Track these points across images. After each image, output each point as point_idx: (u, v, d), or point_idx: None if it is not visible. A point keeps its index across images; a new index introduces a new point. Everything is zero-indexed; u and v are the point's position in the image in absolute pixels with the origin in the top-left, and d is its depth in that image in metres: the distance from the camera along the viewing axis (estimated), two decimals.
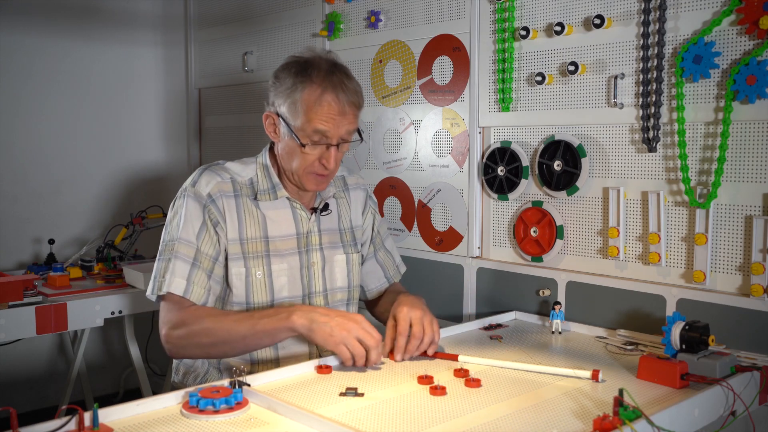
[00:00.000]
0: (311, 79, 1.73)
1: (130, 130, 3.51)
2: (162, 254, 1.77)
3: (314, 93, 1.73)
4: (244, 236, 1.80)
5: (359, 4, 2.58)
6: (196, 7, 3.42)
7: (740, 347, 1.69)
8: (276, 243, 1.83)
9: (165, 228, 1.81)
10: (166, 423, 1.27)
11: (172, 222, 1.79)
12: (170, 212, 1.82)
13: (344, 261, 1.93)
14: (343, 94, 1.74)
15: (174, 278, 1.72)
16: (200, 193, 1.78)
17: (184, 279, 1.73)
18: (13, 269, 3.09)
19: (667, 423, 1.24)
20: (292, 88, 1.75)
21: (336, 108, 1.73)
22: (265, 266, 1.80)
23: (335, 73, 1.76)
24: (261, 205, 1.83)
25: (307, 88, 1.73)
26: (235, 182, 1.83)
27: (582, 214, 2.02)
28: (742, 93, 1.66)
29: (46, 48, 3.22)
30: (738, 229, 1.73)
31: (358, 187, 2.04)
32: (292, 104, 1.75)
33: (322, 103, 1.72)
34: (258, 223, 1.82)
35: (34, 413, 3.15)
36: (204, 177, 1.81)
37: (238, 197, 1.81)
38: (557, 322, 1.92)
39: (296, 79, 1.75)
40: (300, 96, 1.73)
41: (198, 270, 1.74)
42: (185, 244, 1.75)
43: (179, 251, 1.74)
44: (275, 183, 1.85)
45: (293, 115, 1.75)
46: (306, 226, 1.87)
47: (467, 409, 1.34)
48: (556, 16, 2.03)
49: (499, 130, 2.21)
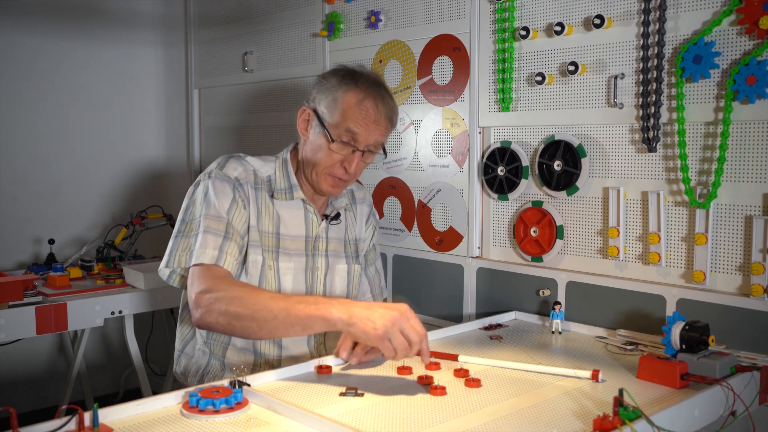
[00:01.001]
0: (356, 84, 1.79)
1: (130, 130, 3.51)
2: (182, 232, 1.74)
3: (356, 96, 1.78)
4: (261, 228, 1.82)
5: (359, 4, 2.58)
6: (196, 7, 3.42)
7: (740, 347, 1.68)
8: (285, 241, 1.84)
9: (186, 208, 1.79)
10: (166, 423, 1.27)
11: (195, 202, 1.77)
12: (191, 194, 1.80)
13: (345, 271, 1.94)
14: (382, 105, 1.80)
15: (206, 250, 1.68)
16: (228, 176, 1.80)
17: (216, 250, 1.70)
18: (13, 269, 3.09)
19: (667, 423, 1.24)
20: (336, 87, 1.79)
21: (372, 115, 1.78)
22: (275, 261, 1.82)
23: (380, 87, 1.83)
24: (276, 203, 1.85)
25: (350, 90, 1.78)
26: (256, 175, 1.85)
27: (582, 214, 2.02)
28: (742, 93, 1.66)
29: (46, 48, 3.22)
30: (738, 229, 1.73)
31: (364, 201, 2.07)
32: (332, 101, 1.79)
33: (361, 106, 1.77)
34: (272, 219, 1.84)
35: (34, 413, 3.15)
36: (231, 163, 1.83)
37: (258, 190, 1.83)
38: (557, 322, 1.92)
39: (342, 81, 1.80)
40: (342, 95, 1.78)
41: (230, 242, 1.73)
42: (215, 219, 1.73)
43: (209, 226, 1.72)
44: (293, 183, 1.87)
45: (330, 111, 1.78)
46: (315, 231, 1.89)
47: (467, 409, 1.34)
48: (556, 16, 2.03)
49: (499, 130, 2.21)
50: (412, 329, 1.43)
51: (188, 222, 1.76)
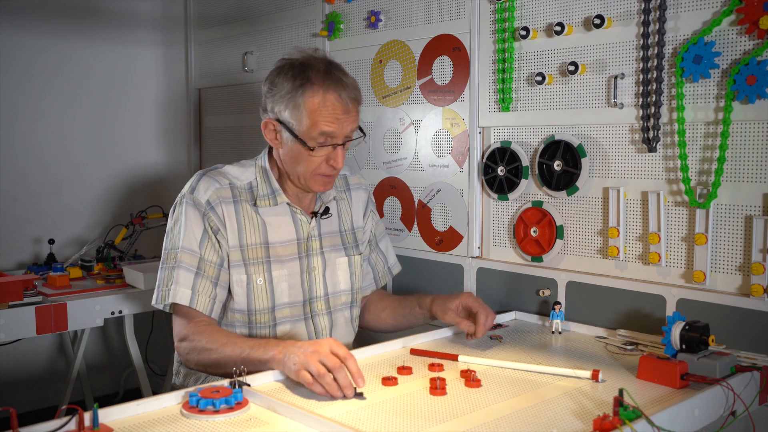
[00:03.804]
0: (311, 81, 1.71)
1: (130, 130, 3.51)
2: (165, 263, 1.77)
3: (316, 95, 1.70)
4: (245, 243, 1.79)
5: (359, 4, 2.58)
6: (196, 7, 3.42)
7: (740, 347, 1.68)
8: (276, 249, 1.82)
9: (166, 235, 1.80)
10: (166, 423, 1.27)
11: (173, 229, 1.78)
12: (170, 219, 1.81)
13: (346, 263, 1.93)
14: (344, 91, 1.73)
15: (179, 288, 1.72)
16: (199, 201, 1.76)
17: (189, 288, 1.72)
18: (13, 269, 3.09)
19: (667, 423, 1.24)
20: (292, 92, 1.72)
21: (340, 107, 1.72)
22: (266, 272, 1.79)
23: (332, 72, 1.74)
24: (261, 211, 1.82)
25: (308, 90, 1.70)
26: (234, 187, 1.81)
27: (582, 214, 2.02)
28: (742, 93, 1.66)
29: (46, 48, 3.22)
30: (738, 229, 1.73)
31: (360, 187, 2.04)
32: (294, 109, 1.72)
33: (326, 104, 1.70)
34: (258, 228, 1.80)
35: (34, 413, 3.15)
36: (202, 183, 1.79)
37: (237, 203, 1.79)
38: (557, 322, 1.92)
39: (295, 83, 1.72)
40: (302, 100, 1.71)
41: (202, 279, 1.74)
42: (188, 252, 1.74)
43: (182, 260, 1.73)
44: (275, 188, 1.83)
45: (297, 120, 1.72)
46: (306, 231, 1.86)
47: (467, 409, 1.34)
48: (556, 16, 2.03)
49: (499, 130, 2.21)
50: (328, 356, 1.41)
51: (168, 251, 1.78)
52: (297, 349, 1.46)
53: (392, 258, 2.12)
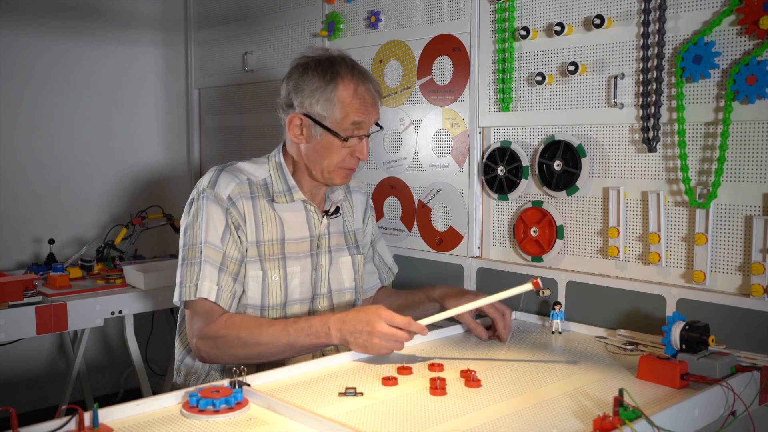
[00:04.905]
0: (341, 75, 1.78)
1: (130, 130, 3.51)
2: (187, 259, 1.76)
3: (349, 88, 1.78)
4: (261, 239, 1.80)
5: (359, 4, 2.58)
6: (196, 7, 3.42)
7: (740, 347, 1.68)
8: (291, 245, 1.84)
9: (184, 231, 1.80)
10: (166, 423, 1.27)
11: (193, 225, 1.78)
12: (187, 215, 1.81)
13: (350, 263, 1.95)
14: (371, 84, 1.83)
15: (204, 283, 1.72)
16: (220, 196, 1.78)
17: (215, 284, 1.73)
18: (13, 269, 3.09)
19: (667, 423, 1.24)
20: (323, 87, 1.78)
21: (369, 98, 1.81)
22: (281, 269, 1.81)
23: (356, 66, 1.84)
24: (277, 207, 1.84)
25: (340, 84, 1.78)
26: (251, 183, 1.83)
27: (582, 214, 2.02)
28: (742, 93, 1.66)
29: (46, 48, 3.22)
30: (738, 229, 1.73)
31: (358, 190, 2.07)
32: (326, 102, 1.77)
33: (357, 95, 1.79)
34: (275, 225, 1.82)
35: (34, 413, 3.15)
36: (222, 178, 1.80)
37: (255, 199, 1.82)
38: (557, 322, 1.92)
39: (325, 78, 1.78)
40: (334, 93, 1.77)
41: (225, 274, 1.75)
42: (212, 248, 1.75)
43: (208, 255, 1.74)
44: (291, 185, 1.86)
45: (329, 112, 1.78)
46: (319, 229, 1.89)
47: (467, 409, 1.34)
48: (556, 16, 2.03)
49: (499, 130, 2.21)
50: (394, 333, 1.59)
51: (189, 247, 1.77)
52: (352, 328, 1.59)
53: (389, 259, 2.17)
